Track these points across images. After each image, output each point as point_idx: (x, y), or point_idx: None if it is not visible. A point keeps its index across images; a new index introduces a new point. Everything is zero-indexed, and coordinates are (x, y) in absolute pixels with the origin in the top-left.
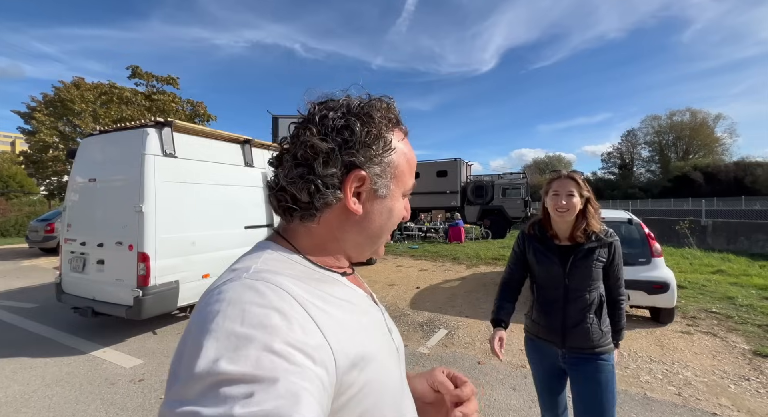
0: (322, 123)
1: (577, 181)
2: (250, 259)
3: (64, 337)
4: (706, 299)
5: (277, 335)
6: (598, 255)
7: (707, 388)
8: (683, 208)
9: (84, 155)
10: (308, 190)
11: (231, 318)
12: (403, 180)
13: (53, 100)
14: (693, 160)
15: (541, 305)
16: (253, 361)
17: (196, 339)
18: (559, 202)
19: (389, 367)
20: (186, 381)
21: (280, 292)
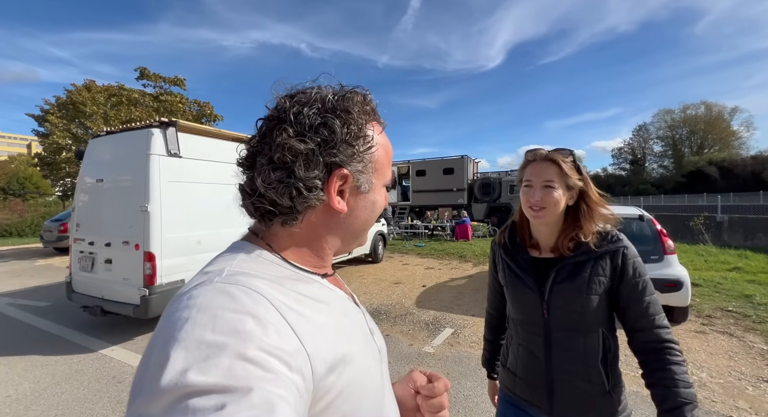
0: (297, 121)
1: (560, 165)
2: (223, 261)
3: (74, 335)
4: (722, 298)
5: (251, 341)
6: (594, 272)
7: (723, 389)
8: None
9: (92, 156)
10: (290, 195)
11: (201, 325)
12: (383, 172)
13: (66, 102)
14: (708, 154)
15: (518, 348)
16: (225, 371)
17: (162, 349)
18: (531, 197)
19: (370, 370)
20: (151, 395)
21: (254, 296)
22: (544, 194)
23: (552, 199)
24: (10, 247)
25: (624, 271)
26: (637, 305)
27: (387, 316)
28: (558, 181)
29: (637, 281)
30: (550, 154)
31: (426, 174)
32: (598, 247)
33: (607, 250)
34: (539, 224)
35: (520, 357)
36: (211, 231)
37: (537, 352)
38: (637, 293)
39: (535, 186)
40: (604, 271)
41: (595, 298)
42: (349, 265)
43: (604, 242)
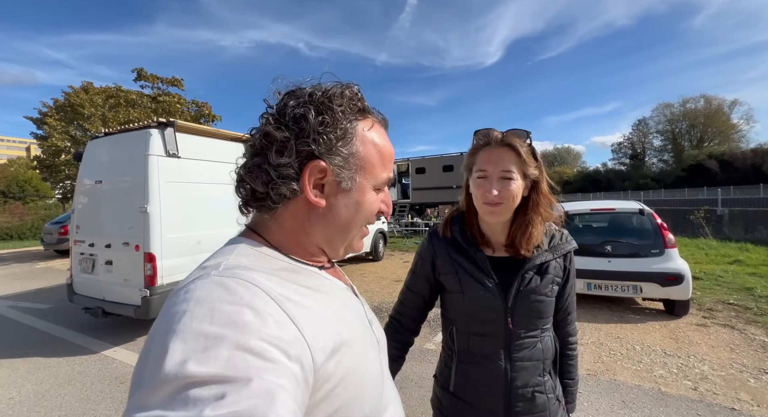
0: (281, 112)
1: (518, 151)
2: (221, 256)
3: (76, 336)
4: (723, 291)
5: (250, 332)
6: (554, 273)
7: (725, 382)
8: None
9: (90, 158)
10: (262, 180)
11: (199, 317)
12: (372, 172)
13: (63, 105)
14: (708, 148)
15: (467, 367)
16: (224, 361)
17: (161, 341)
18: (487, 191)
19: (369, 359)
20: (151, 386)
21: (251, 289)
22: (502, 187)
23: (510, 193)
24: (10, 250)
25: (570, 272)
26: (568, 304)
27: (388, 314)
28: (517, 170)
29: (574, 282)
30: (507, 137)
31: (426, 171)
32: (556, 247)
33: (566, 250)
34: (493, 221)
35: (472, 379)
36: (211, 231)
37: (496, 368)
38: (571, 292)
39: (492, 177)
40: (557, 271)
41: (551, 302)
42: (350, 263)
43: (561, 241)
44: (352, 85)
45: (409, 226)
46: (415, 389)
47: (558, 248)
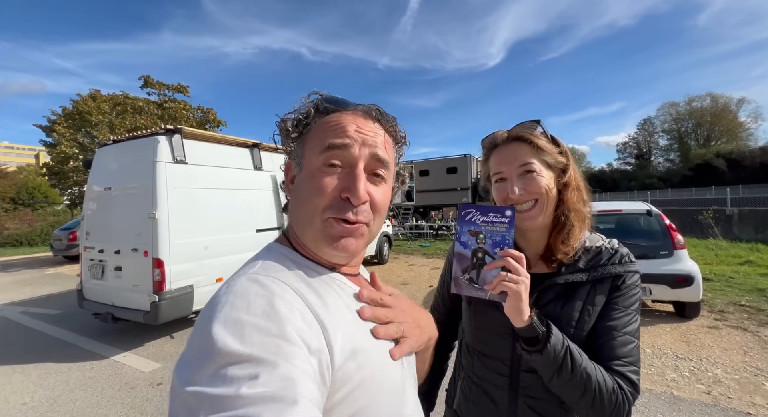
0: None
1: (532, 141)
2: (257, 258)
3: (86, 342)
4: (735, 292)
5: (280, 321)
6: (589, 300)
7: (739, 385)
8: (706, 197)
9: (99, 165)
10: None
11: (237, 307)
12: (315, 142)
13: (72, 112)
14: (715, 146)
15: (471, 387)
16: (258, 345)
17: (205, 327)
18: (510, 192)
19: (387, 367)
20: (197, 364)
21: (282, 285)
22: (527, 182)
23: (538, 186)
24: (20, 256)
25: (613, 299)
26: (601, 336)
27: None
28: (539, 162)
29: (621, 310)
30: (514, 131)
31: (429, 174)
32: (596, 267)
33: (612, 273)
34: (529, 228)
35: (473, 399)
36: (218, 236)
37: (497, 397)
38: (609, 324)
39: (511, 176)
40: (592, 299)
41: (583, 336)
42: (366, 265)
43: (607, 261)
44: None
45: (413, 228)
46: None
47: (598, 269)
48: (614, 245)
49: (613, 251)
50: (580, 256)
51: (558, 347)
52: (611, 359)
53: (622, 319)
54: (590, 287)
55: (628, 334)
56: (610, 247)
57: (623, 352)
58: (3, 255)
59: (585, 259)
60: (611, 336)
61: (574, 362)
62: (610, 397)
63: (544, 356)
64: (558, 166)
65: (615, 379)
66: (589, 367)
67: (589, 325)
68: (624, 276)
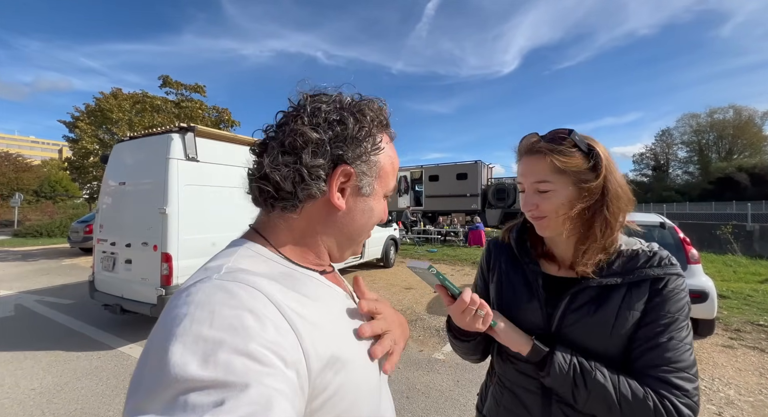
0: (314, 114)
1: (552, 158)
2: (222, 258)
3: (95, 332)
4: (753, 311)
5: (249, 337)
6: (626, 303)
7: (753, 408)
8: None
9: (115, 160)
10: (293, 179)
11: (199, 321)
12: (386, 181)
13: (94, 109)
14: (737, 160)
15: (503, 392)
16: (224, 366)
17: (161, 344)
18: (524, 204)
19: (366, 369)
20: (150, 390)
21: (252, 292)
22: (540, 201)
23: (550, 206)
24: (40, 246)
25: (655, 304)
26: (644, 343)
27: None
28: (556, 180)
29: (663, 315)
30: (535, 144)
31: (439, 179)
32: (633, 270)
33: (650, 276)
34: (545, 235)
35: (504, 404)
36: (225, 233)
37: (529, 402)
38: (653, 327)
39: (527, 189)
40: (630, 302)
41: (621, 342)
42: (361, 269)
43: (646, 265)
44: (378, 100)
45: (421, 233)
46: (422, 399)
47: (636, 272)
48: (653, 248)
49: (651, 254)
50: (615, 260)
51: (564, 366)
52: (653, 366)
53: (669, 323)
54: (626, 291)
55: (675, 339)
56: (648, 250)
57: (670, 357)
58: (24, 245)
59: (620, 263)
60: (654, 341)
61: (586, 378)
62: (642, 409)
63: (552, 378)
64: (585, 183)
65: (652, 389)
66: (609, 378)
67: (627, 330)
68: (665, 280)
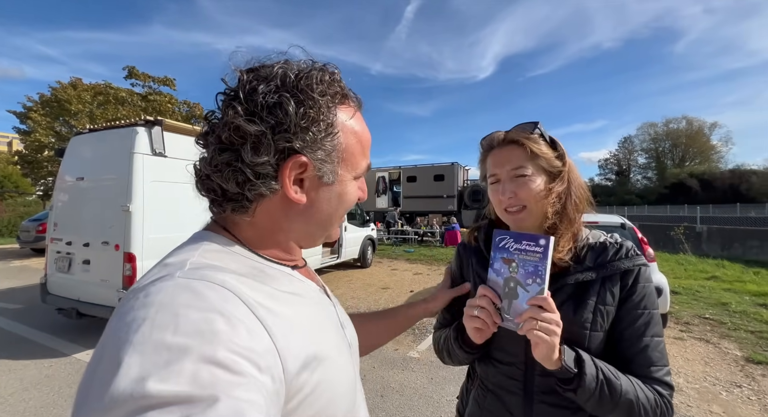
0: (251, 98)
1: (526, 145)
2: (185, 252)
3: (46, 338)
4: (700, 305)
5: (219, 342)
6: (600, 299)
7: (699, 394)
8: (679, 215)
9: (73, 154)
10: (236, 181)
11: (161, 326)
12: (353, 162)
13: (50, 100)
14: (689, 167)
15: (485, 395)
16: (189, 377)
17: (114, 354)
18: (501, 194)
19: (341, 365)
20: (98, 408)
21: (222, 292)
22: (517, 187)
23: (529, 192)
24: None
25: (628, 297)
26: (632, 345)
27: None
28: (532, 166)
29: (640, 313)
30: (511, 133)
31: (417, 180)
32: (606, 264)
33: (621, 268)
34: (521, 228)
35: (486, 407)
36: (193, 232)
37: (511, 403)
38: (633, 329)
39: (503, 178)
40: (613, 297)
41: (599, 337)
42: (338, 269)
43: (615, 257)
44: (329, 67)
45: (398, 233)
46: (396, 397)
47: (608, 266)
48: (617, 239)
49: (618, 245)
50: (587, 254)
51: (593, 385)
52: (646, 366)
53: (648, 321)
54: (600, 285)
55: (656, 336)
56: (613, 241)
57: (656, 357)
58: None
59: (592, 257)
60: (642, 342)
61: (613, 392)
62: (655, 411)
63: (578, 395)
64: (554, 171)
65: (654, 388)
66: (630, 390)
67: (604, 327)
68: (635, 272)
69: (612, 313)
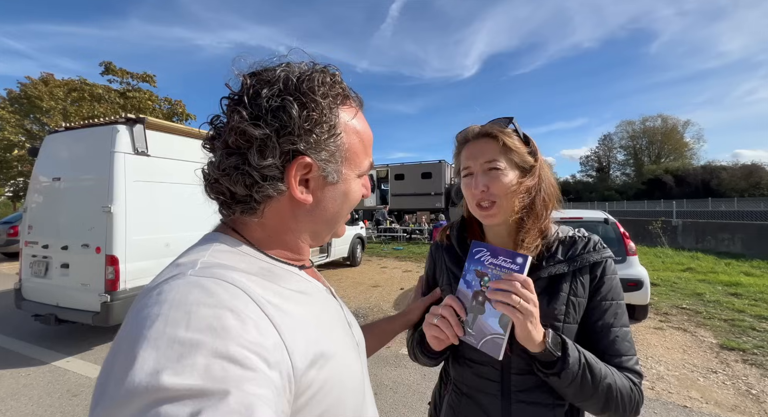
0: (255, 103)
1: (501, 139)
2: (196, 253)
3: (22, 346)
4: (678, 296)
5: (230, 338)
6: (572, 291)
7: (678, 381)
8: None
9: (48, 153)
10: (244, 183)
11: (174, 322)
12: (356, 161)
13: (19, 96)
14: (665, 163)
15: (460, 399)
16: (201, 371)
17: (129, 349)
18: (474, 187)
19: (350, 363)
20: (116, 400)
21: (232, 290)
22: (490, 181)
23: (501, 186)
24: None
25: (597, 289)
26: (604, 336)
27: (365, 319)
28: (505, 160)
29: (609, 304)
30: (486, 127)
31: (404, 178)
32: (576, 257)
33: (590, 261)
34: (491, 224)
35: (462, 413)
36: (182, 233)
37: (488, 405)
38: (604, 320)
39: (476, 171)
40: (584, 289)
41: (572, 329)
42: (327, 268)
43: (584, 251)
44: (330, 69)
45: (387, 231)
46: (390, 394)
47: (578, 259)
48: (584, 233)
49: (587, 239)
50: (558, 248)
51: (575, 368)
52: (618, 356)
53: (616, 312)
54: (572, 278)
55: (624, 326)
56: (582, 235)
57: (626, 347)
58: None
59: (563, 250)
60: (612, 333)
61: (594, 378)
62: (630, 397)
63: (562, 379)
64: (525, 166)
65: (627, 377)
66: (609, 375)
67: (576, 318)
68: (603, 264)
69: (583, 305)
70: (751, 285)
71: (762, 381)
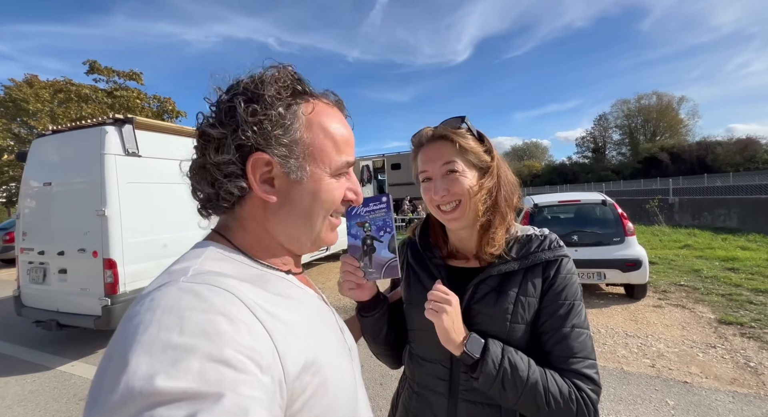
0: (217, 107)
1: (455, 139)
2: (188, 260)
3: (26, 353)
4: (675, 273)
5: (223, 342)
6: (522, 290)
7: (678, 358)
8: (652, 188)
9: (36, 157)
10: (207, 181)
11: (167, 327)
12: (324, 159)
13: (4, 100)
14: (660, 141)
15: (411, 397)
16: (196, 374)
17: (123, 354)
18: (433, 193)
19: (342, 369)
20: (110, 405)
21: (225, 295)
22: (449, 183)
23: (461, 188)
24: None
25: (549, 288)
26: (552, 335)
27: None
28: (462, 161)
29: (561, 304)
30: (438, 129)
31: (401, 167)
32: (529, 255)
33: (542, 259)
34: (455, 227)
35: (413, 411)
36: (178, 233)
37: (436, 404)
38: (552, 320)
39: (435, 176)
40: (535, 288)
41: (520, 329)
42: (328, 261)
43: (538, 249)
44: (284, 66)
45: None
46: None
47: (530, 257)
48: (544, 232)
49: (543, 237)
50: (513, 246)
51: (493, 372)
52: (566, 357)
53: (568, 312)
54: (522, 277)
55: (577, 326)
56: (539, 234)
57: (576, 347)
58: None
59: (516, 248)
60: (561, 333)
61: (518, 380)
62: (568, 405)
63: (481, 382)
64: (483, 165)
65: (572, 382)
66: (539, 380)
67: (525, 318)
68: (557, 263)
69: (534, 306)
70: (748, 259)
71: (760, 353)
